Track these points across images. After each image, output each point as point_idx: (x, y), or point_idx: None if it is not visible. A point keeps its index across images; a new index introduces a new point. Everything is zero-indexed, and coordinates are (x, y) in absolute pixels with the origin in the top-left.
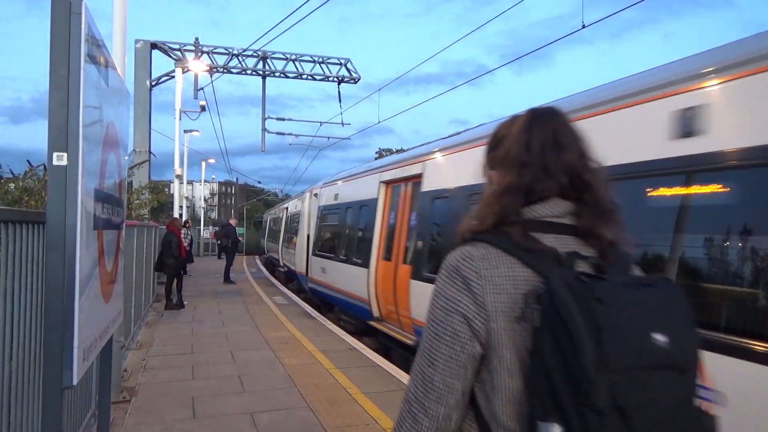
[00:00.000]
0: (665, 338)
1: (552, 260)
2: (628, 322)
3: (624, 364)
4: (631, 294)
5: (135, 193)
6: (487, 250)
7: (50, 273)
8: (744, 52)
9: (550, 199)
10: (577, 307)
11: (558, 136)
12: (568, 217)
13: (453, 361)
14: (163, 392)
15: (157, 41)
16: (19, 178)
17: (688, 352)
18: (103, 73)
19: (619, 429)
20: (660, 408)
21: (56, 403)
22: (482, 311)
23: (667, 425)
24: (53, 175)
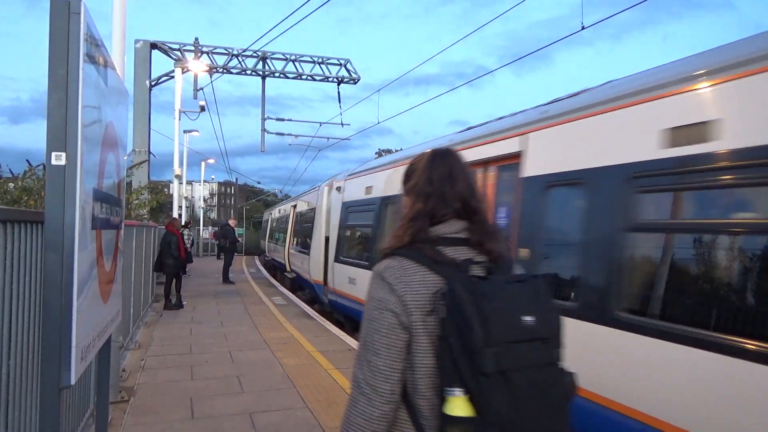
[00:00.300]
0: (532, 319)
1: (452, 267)
2: (505, 310)
3: (503, 339)
4: (507, 289)
5: (134, 193)
6: (403, 262)
7: (48, 272)
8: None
9: (448, 220)
10: (469, 301)
11: (452, 171)
12: (463, 233)
13: (392, 348)
14: (161, 392)
15: (157, 41)
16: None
17: (550, 327)
18: (102, 73)
19: (502, 386)
20: (531, 369)
21: (54, 402)
22: (405, 308)
23: (536, 381)
24: (52, 175)
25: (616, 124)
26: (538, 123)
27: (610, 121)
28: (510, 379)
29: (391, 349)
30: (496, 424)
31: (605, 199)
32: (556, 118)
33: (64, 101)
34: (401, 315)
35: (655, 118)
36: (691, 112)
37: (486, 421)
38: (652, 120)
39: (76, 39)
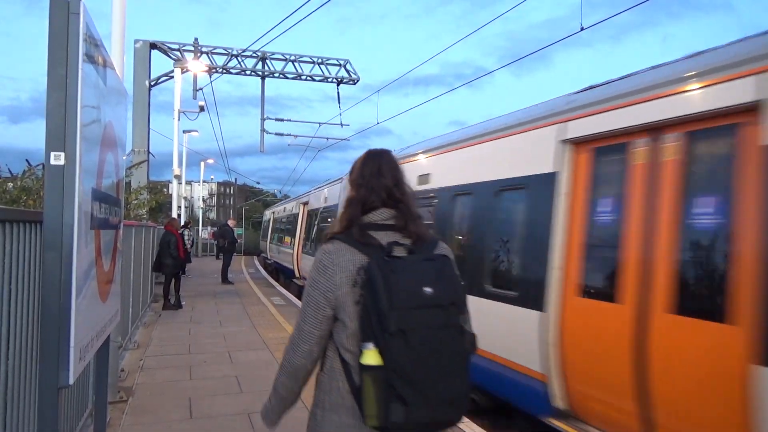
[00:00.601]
0: (431, 289)
1: (377, 248)
2: (408, 282)
3: (405, 305)
4: (414, 265)
5: (133, 193)
6: (338, 244)
7: (47, 272)
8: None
9: (378, 208)
10: (379, 275)
11: (381, 168)
12: (391, 220)
13: (316, 319)
14: (160, 392)
15: (156, 41)
16: (17, 178)
17: (446, 297)
18: (102, 72)
19: (402, 343)
20: (428, 329)
21: (53, 402)
22: (334, 286)
23: (431, 339)
24: (51, 175)
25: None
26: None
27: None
28: (408, 337)
29: (315, 320)
30: (396, 371)
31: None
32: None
33: (64, 101)
34: (328, 293)
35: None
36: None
37: (389, 368)
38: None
39: (76, 39)
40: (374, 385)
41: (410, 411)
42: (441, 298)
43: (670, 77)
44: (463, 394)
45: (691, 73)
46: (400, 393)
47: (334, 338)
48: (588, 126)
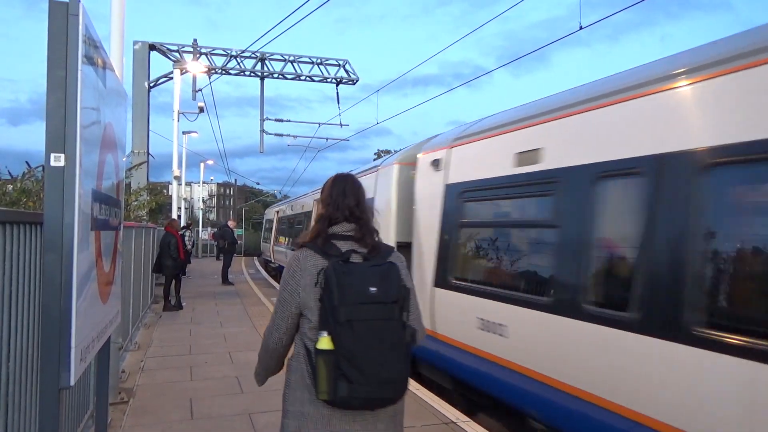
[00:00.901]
0: (375, 289)
1: (337, 255)
2: (357, 283)
3: (352, 301)
4: (364, 270)
5: (133, 194)
6: (306, 252)
7: (48, 274)
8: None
9: (341, 222)
10: (333, 276)
11: (346, 190)
12: (351, 232)
13: (285, 314)
14: (161, 393)
15: (156, 42)
16: (17, 180)
17: (389, 296)
18: (101, 74)
19: (349, 331)
20: (371, 321)
21: (53, 404)
22: (299, 288)
23: (374, 329)
24: (51, 176)
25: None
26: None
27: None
28: (355, 326)
29: (284, 314)
30: (343, 355)
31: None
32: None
33: (63, 102)
34: (295, 293)
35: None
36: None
37: (338, 352)
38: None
39: (75, 40)
40: (325, 366)
41: (354, 388)
42: (384, 296)
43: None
44: (401, 377)
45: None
46: (346, 373)
47: (300, 330)
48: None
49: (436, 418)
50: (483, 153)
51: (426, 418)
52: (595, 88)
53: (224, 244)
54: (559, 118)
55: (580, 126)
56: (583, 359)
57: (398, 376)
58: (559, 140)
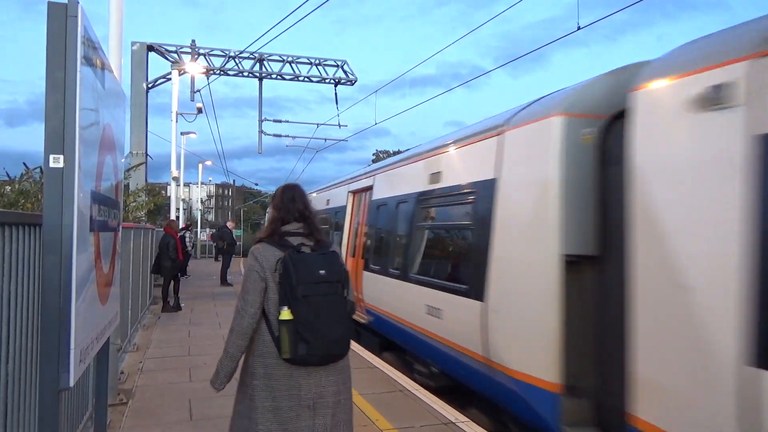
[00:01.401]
0: (324, 272)
1: (290, 247)
2: (308, 267)
3: (306, 281)
4: (313, 257)
5: (132, 195)
6: (264, 245)
7: (47, 275)
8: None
9: (292, 222)
10: (290, 263)
11: (294, 196)
12: (300, 229)
13: (255, 290)
14: (160, 394)
15: (154, 43)
16: (15, 181)
17: (334, 277)
18: (100, 75)
19: (305, 304)
20: (321, 296)
21: (53, 405)
22: (262, 269)
23: (323, 302)
24: (50, 177)
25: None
26: None
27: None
28: (309, 301)
29: (255, 291)
30: (301, 323)
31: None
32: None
33: (62, 104)
34: (261, 273)
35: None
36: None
37: (297, 321)
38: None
39: (74, 42)
40: (288, 333)
41: (310, 347)
42: (330, 277)
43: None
44: (344, 338)
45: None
46: (304, 336)
47: (264, 308)
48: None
49: (435, 419)
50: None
51: (425, 419)
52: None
53: (223, 245)
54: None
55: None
56: (395, 296)
57: (342, 337)
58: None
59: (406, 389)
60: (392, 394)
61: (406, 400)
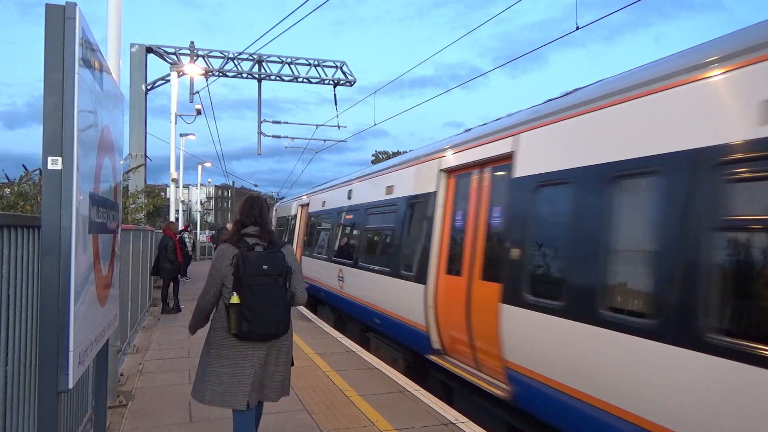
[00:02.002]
0: (266, 266)
1: (245, 246)
2: (254, 263)
3: (251, 273)
4: (261, 255)
5: (131, 197)
6: (226, 245)
7: (45, 277)
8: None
9: (250, 226)
10: (242, 258)
11: (253, 204)
12: (255, 232)
13: (213, 282)
14: (159, 396)
15: (152, 45)
16: (14, 183)
17: (275, 271)
18: (98, 77)
19: (249, 292)
20: (262, 285)
21: (52, 407)
22: (222, 267)
23: (265, 291)
24: (48, 180)
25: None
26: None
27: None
28: (252, 289)
29: (213, 283)
30: (245, 306)
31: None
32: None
33: (60, 106)
34: (220, 270)
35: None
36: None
37: (242, 304)
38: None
39: (72, 43)
40: (234, 313)
41: (251, 326)
42: (271, 271)
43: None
44: (281, 320)
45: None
46: (246, 317)
47: (222, 294)
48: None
49: (435, 419)
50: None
51: (425, 419)
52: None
53: None
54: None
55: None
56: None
57: (279, 320)
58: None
59: (406, 390)
60: (391, 395)
61: (406, 401)
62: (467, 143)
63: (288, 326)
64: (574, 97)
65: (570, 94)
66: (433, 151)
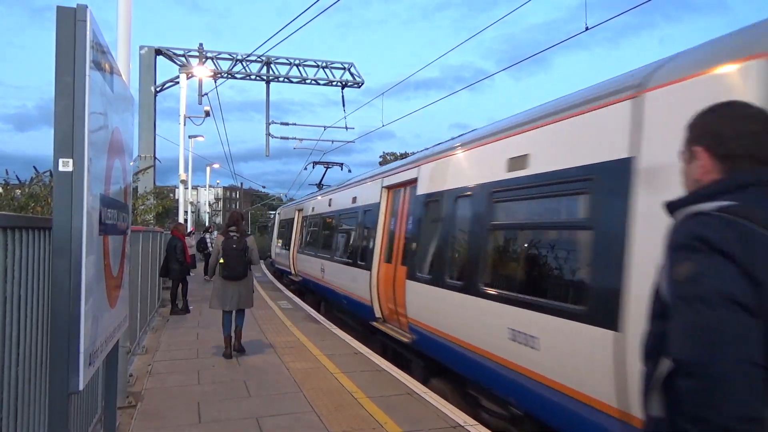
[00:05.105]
0: (235, 246)
1: (228, 236)
2: (229, 243)
3: (228, 248)
4: (234, 240)
5: (140, 198)
6: (220, 236)
7: (56, 278)
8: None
9: (232, 226)
10: (225, 242)
11: (232, 217)
12: (233, 230)
13: (215, 253)
14: (168, 397)
15: (162, 47)
16: (25, 185)
17: (240, 247)
18: (108, 79)
19: (227, 258)
20: (232, 255)
21: (62, 408)
22: (218, 245)
23: (234, 257)
24: (59, 181)
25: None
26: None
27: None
28: (228, 256)
29: (215, 253)
30: (225, 263)
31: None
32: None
33: (71, 108)
34: (218, 246)
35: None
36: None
37: (224, 263)
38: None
39: (83, 46)
40: (221, 267)
41: (227, 273)
42: (238, 248)
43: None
44: (243, 271)
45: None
46: (227, 269)
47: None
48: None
49: (444, 422)
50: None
51: (433, 422)
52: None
53: None
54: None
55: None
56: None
57: (242, 272)
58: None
59: (414, 392)
60: (400, 397)
61: (414, 403)
62: (398, 168)
63: (246, 274)
64: (439, 147)
65: (458, 137)
66: (380, 172)
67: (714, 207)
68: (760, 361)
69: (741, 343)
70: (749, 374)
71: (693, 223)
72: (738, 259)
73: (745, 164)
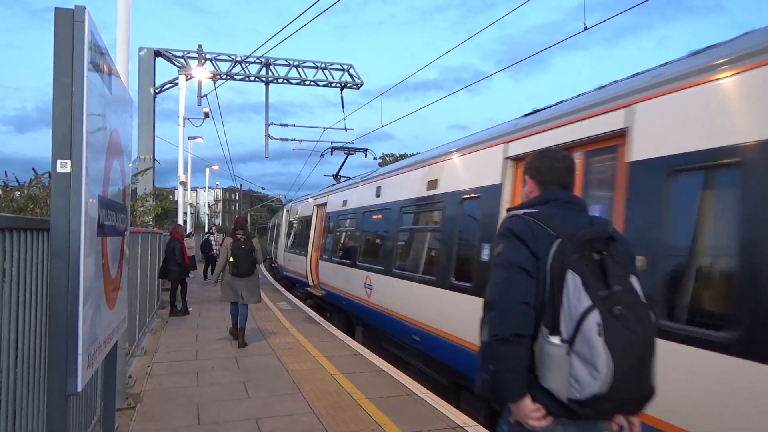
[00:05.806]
0: (243, 246)
1: (236, 238)
2: (239, 245)
3: (236, 249)
4: (241, 241)
5: (139, 200)
6: (228, 238)
7: (54, 280)
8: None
9: (239, 229)
10: (233, 242)
11: (239, 220)
12: (240, 232)
13: (223, 253)
14: (167, 399)
15: (161, 49)
16: (24, 187)
17: (248, 247)
18: (107, 80)
19: (236, 257)
20: (242, 254)
21: (61, 409)
22: (227, 246)
23: (243, 256)
24: (57, 183)
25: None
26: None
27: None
28: (237, 255)
29: (223, 253)
30: (234, 262)
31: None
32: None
33: (69, 109)
34: (227, 247)
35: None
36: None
37: (234, 262)
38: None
39: (81, 47)
40: (231, 266)
41: (237, 270)
42: (246, 247)
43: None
44: (251, 270)
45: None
46: (235, 267)
47: (227, 258)
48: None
49: (443, 423)
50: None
51: (432, 423)
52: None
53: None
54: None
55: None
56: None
57: (249, 268)
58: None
59: (414, 393)
60: (399, 398)
61: (414, 404)
62: (324, 193)
63: (253, 271)
64: (367, 175)
65: (403, 159)
66: (316, 194)
67: (521, 212)
68: (531, 303)
69: (518, 291)
70: (522, 310)
71: (509, 221)
72: (528, 243)
73: (552, 188)
